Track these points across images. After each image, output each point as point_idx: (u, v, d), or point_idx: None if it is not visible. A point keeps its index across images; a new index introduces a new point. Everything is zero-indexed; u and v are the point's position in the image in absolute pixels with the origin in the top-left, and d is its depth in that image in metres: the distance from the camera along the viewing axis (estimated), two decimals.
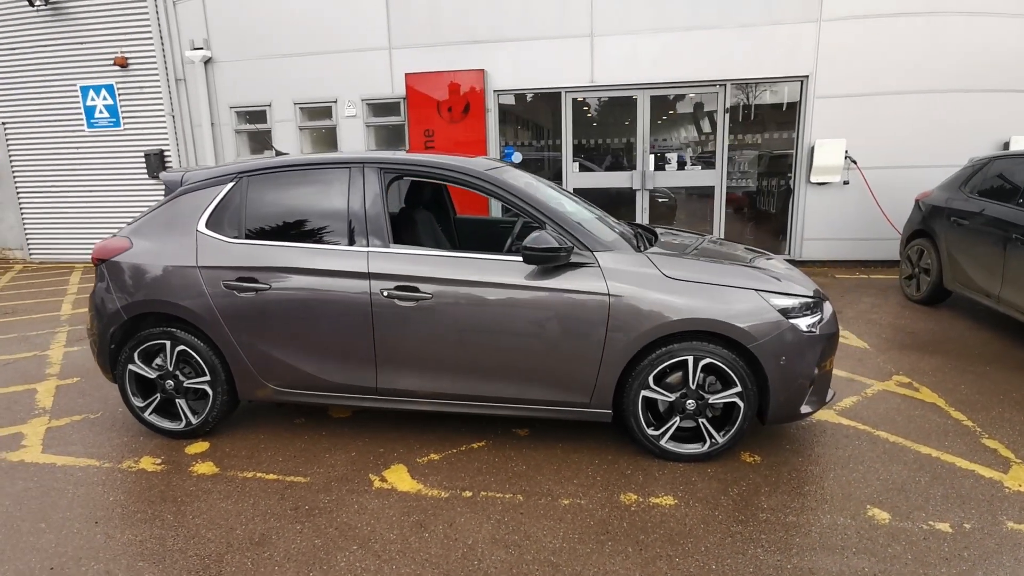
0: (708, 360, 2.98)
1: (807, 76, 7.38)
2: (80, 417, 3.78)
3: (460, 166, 3.23)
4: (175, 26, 8.74)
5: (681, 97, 8.10)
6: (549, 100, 8.22)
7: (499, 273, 3.03)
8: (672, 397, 3.05)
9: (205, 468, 3.17)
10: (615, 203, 8.29)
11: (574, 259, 3.00)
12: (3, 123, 9.44)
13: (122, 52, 8.86)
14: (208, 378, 3.34)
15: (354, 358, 3.20)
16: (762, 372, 2.97)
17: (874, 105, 7.28)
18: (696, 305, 2.93)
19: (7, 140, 9.50)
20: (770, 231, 8.32)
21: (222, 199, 3.35)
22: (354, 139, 8.63)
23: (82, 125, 9.21)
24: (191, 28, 8.70)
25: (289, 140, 8.80)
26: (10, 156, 9.57)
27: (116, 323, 3.34)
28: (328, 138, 8.85)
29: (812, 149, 7.44)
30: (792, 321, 2.96)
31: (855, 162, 7.41)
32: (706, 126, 8.07)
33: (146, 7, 8.67)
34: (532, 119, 8.86)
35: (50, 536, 2.63)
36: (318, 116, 8.75)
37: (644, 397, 3.07)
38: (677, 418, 3.10)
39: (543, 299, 3.00)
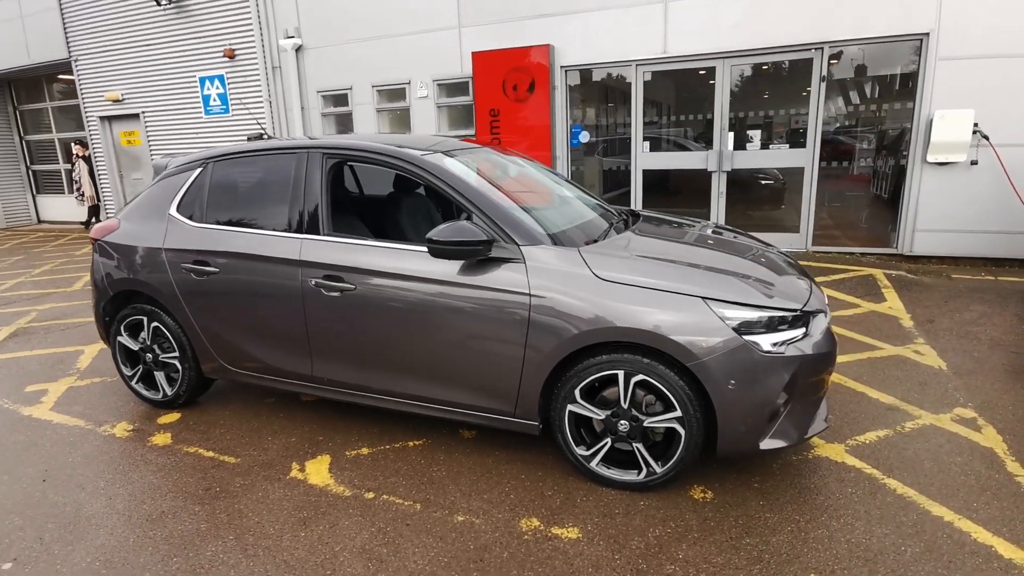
0: (641, 377, 2.55)
1: (927, 34, 6.10)
2: (99, 380, 4.21)
3: (391, 150, 3.04)
4: (272, 17, 9.35)
5: (767, 65, 7.12)
6: (620, 76, 7.64)
7: (422, 266, 2.83)
8: (602, 415, 2.67)
9: (161, 439, 3.36)
10: (689, 187, 7.58)
11: (499, 254, 2.71)
12: (143, 111, 10.80)
13: (230, 44, 9.68)
14: (177, 354, 3.53)
15: (291, 345, 3.19)
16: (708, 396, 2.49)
17: (1013, 68, 5.84)
18: (626, 311, 2.51)
19: (146, 127, 10.86)
20: (876, 221, 7.12)
21: (191, 184, 3.48)
22: (426, 120, 8.70)
23: (200, 112, 10.25)
24: (285, 18, 9.26)
25: (368, 122, 9.10)
26: (149, 141, 10.94)
27: (105, 298, 3.64)
28: (403, 120, 9.02)
29: (930, 122, 6.17)
30: (748, 338, 2.43)
31: (986, 137, 6.03)
32: (798, 98, 7.02)
33: (248, 1, 9.36)
34: (603, 96, 8.33)
35: (2, 488, 2.94)
36: (394, 98, 8.94)
37: (571, 412, 2.72)
38: (609, 439, 2.71)
39: (464, 296, 2.75)
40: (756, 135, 7.16)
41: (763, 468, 2.88)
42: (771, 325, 2.50)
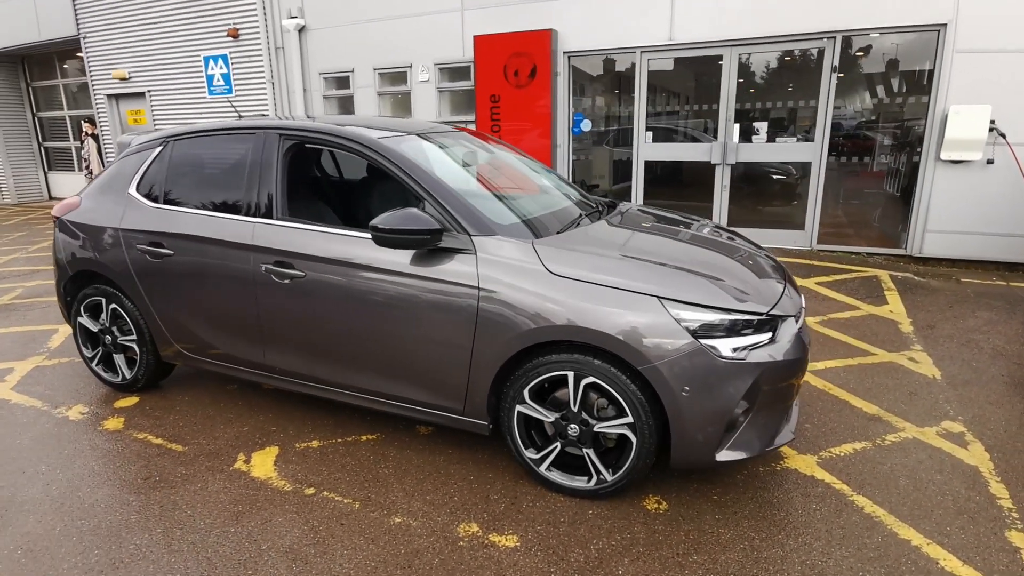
0: (592, 379, 2.40)
1: (944, 25, 5.79)
2: (67, 360, 4.16)
3: (345, 132, 2.90)
4: None
5: (777, 54, 6.83)
6: (623, 63, 7.40)
7: (373, 254, 2.69)
8: (551, 417, 2.53)
9: (113, 424, 3.29)
10: (698, 180, 7.35)
11: (450, 244, 2.57)
12: (149, 90, 10.78)
13: (234, 24, 9.58)
14: (135, 337, 3.46)
15: (244, 331, 3.09)
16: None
17: None
18: (576, 309, 2.35)
19: (151, 106, 10.85)
20: (886, 220, 6.84)
21: (150, 163, 3.38)
22: (427, 105, 8.55)
23: (204, 92, 10.20)
24: None
25: (369, 106, 8.97)
26: (154, 121, 10.93)
27: (65, 278, 3.57)
28: (404, 104, 8.87)
29: (945, 118, 5.87)
30: (705, 343, 2.27)
31: (1003, 136, 5.71)
32: (806, 89, 6.74)
33: None
34: (611, 83, 8.10)
35: None
36: (395, 82, 8.78)
37: (520, 413, 2.58)
38: (559, 443, 2.57)
39: (413, 287, 2.61)
40: (763, 127, 6.89)
41: (725, 479, 2.72)
42: (733, 329, 2.32)
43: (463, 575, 2.17)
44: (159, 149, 3.37)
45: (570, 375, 2.43)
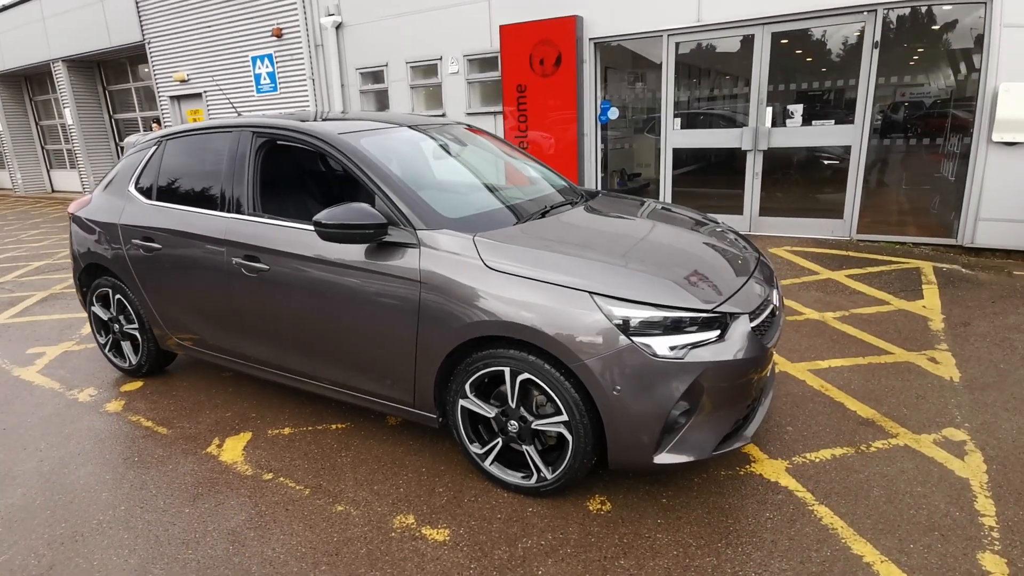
0: (527, 376, 2.36)
1: None
2: (92, 346, 4.49)
3: (304, 128, 2.95)
4: None
5: (812, 32, 6.40)
6: (651, 47, 7.16)
7: (330, 248, 2.75)
8: (492, 413, 2.51)
9: (114, 406, 3.53)
10: (725, 168, 7.04)
11: (398, 238, 2.58)
12: (204, 91, 11.38)
13: (278, 23, 9.95)
14: (137, 326, 3.69)
15: (222, 322, 3.23)
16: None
17: None
18: (508, 304, 2.31)
19: (207, 106, 11.46)
20: (936, 207, 6.31)
21: (147, 161, 3.58)
22: (457, 96, 8.59)
23: (252, 91, 10.67)
24: None
25: (403, 99, 9.11)
26: (210, 120, 11.54)
27: (79, 269, 3.85)
28: (435, 96, 8.94)
29: (996, 96, 5.33)
30: (638, 340, 2.18)
31: None
32: (846, 68, 6.29)
33: None
34: (637, 70, 7.86)
35: None
36: (427, 75, 8.87)
37: (464, 407, 2.57)
38: (500, 439, 2.55)
39: (364, 281, 2.64)
40: (797, 110, 6.50)
41: (681, 482, 2.62)
42: (672, 326, 2.22)
43: (385, 566, 2.20)
44: (154, 148, 3.57)
45: (507, 371, 2.40)
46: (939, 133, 6.15)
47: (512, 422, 2.47)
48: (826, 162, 7.20)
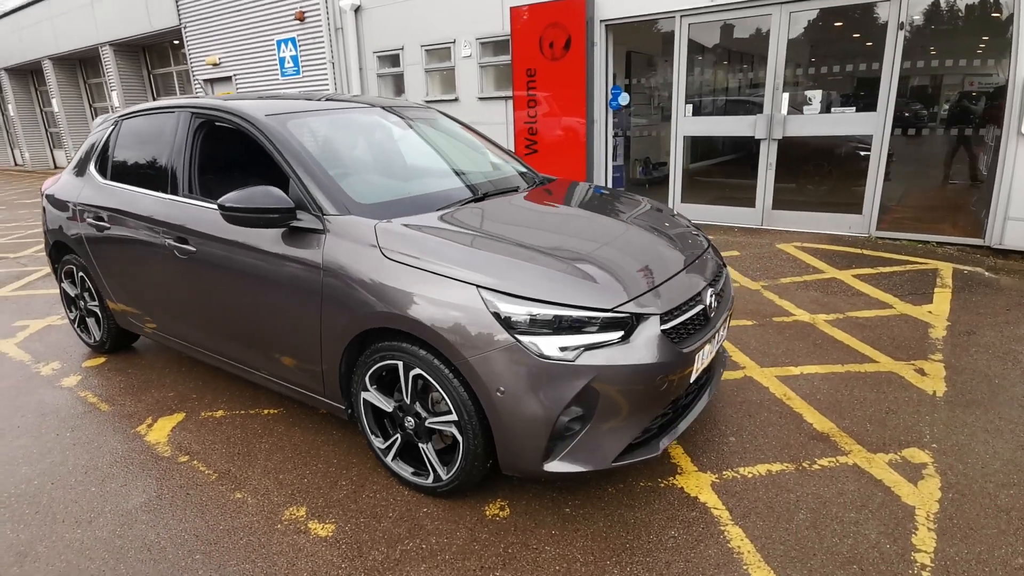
0: (418, 371, 2.25)
1: None
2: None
3: (232, 108, 2.89)
4: None
5: (834, 12, 5.94)
6: (664, 30, 6.83)
7: (239, 232, 2.69)
8: (390, 407, 2.41)
9: (69, 381, 3.61)
10: (740, 156, 6.67)
11: (308, 224, 2.49)
12: (234, 75, 11.62)
13: (300, 7, 10.02)
14: (97, 303, 3.76)
15: (161, 302, 3.24)
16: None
17: None
18: (397, 295, 2.20)
19: (237, 89, 11.70)
20: (965, 204, 5.80)
21: (105, 140, 3.61)
22: (469, 80, 8.45)
23: (278, 75, 10.82)
24: None
25: (418, 83, 9.04)
26: None
27: (47, 246, 3.95)
28: (448, 80, 8.83)
29: None
30: (525, 339, 2.03)
31: None
32: (869, 52, 5.82)
33: None
34: (667, 56, 7.52)
35: None
36: (441, 58, 8.76)
37: (366, 400, 2.48)
38: (398, 434, 2.45)
39: (275, 266, 2.57)
40: (816, 96, 6.07)
41: (591, 490, 2.45)
42: (565, 326, 2.06)
43: (258, 559, 2.14)
44: (112, 128, 3.60)
45: (400, 365, 2.29)
46: (971, 124, 5.62)
47: (409, 418, 2.36)
48: (863, 154, 6.72)
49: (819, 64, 6.10)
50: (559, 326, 2.05)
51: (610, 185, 7.90)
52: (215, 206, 2.82)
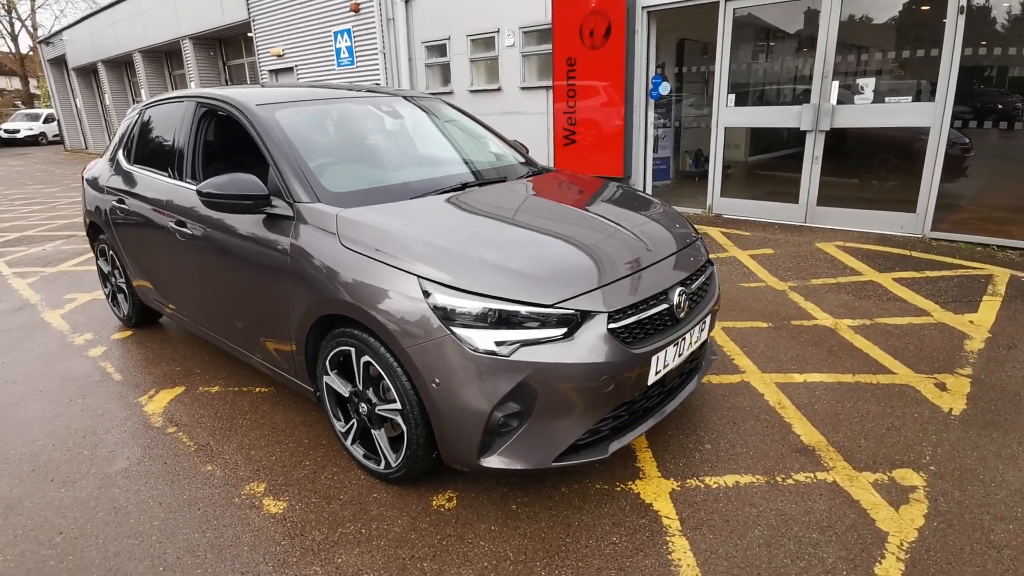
0: (367, 358, 2.28)
1: None
2: None
3: (224, 96, 3.00)
4: None
5: None
6: (709, 16, 6.53)
7: (235, 217, 2.79)
8: (346, 392, 2.45)
9: (95, 352, 3.89)
10: (789, 149, 6.32)
11: (281, 211, 2.56)
12: (295, 65, 12.08)
13: None
14: (124, 280, 4.03)
15: (168, 280, 3.43)
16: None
17: None
18: (348, 283, 2.23)
19: (298, 80, 12.15)
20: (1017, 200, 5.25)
21: (130, 127, 3.85)
22: (512, 69, 8.41)
23: (334, 65, 11.15)
24: None
25: (462, 73, 9.08)
26: None
27: (86, 226, 4.26)
28: (492, 69, 8.82)
29: None
30: (459, 331, 2.01)
31: None
32: (926, 36, 5.33)
33: None
34: (708, 41, 7.21)
35: None
36: (485, 48, 8.76)
37: (328, 384, 2.54)
38: (355, 419, 2.49)
39: (254, 250, 2.67)
40: (868, 85, 5.64)
41: (544, 488, 2.41)
42: (502, 320, 2.02)
43: (208, 530, 2.24)
44: (136, 115, 3.83)
45: (352, 351, 2.33)
46: None
47: (362, 404, 2.40)
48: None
49: (874, 51, 5.66)
50: (496, 320, 2.02)
51: (651, 179, 7.67)
52: None
